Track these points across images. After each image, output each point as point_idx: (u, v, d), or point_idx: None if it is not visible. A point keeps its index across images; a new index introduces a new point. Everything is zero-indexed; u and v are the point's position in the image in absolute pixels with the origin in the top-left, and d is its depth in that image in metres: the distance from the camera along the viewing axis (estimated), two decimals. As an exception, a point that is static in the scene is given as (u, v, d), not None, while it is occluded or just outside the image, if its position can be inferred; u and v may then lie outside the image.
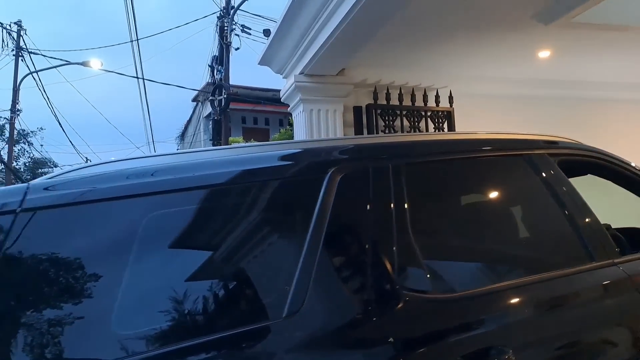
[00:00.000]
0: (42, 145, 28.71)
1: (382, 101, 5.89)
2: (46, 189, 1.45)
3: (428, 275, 1.59)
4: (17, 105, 16.04)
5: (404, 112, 5.97)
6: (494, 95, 6.35)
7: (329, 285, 1.47)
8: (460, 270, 1.76)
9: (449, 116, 6.16)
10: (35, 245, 1.33)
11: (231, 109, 15.24)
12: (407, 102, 6.00)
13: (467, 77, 6.22)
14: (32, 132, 21.07)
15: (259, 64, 6.27)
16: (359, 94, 5.92)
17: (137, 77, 13.14)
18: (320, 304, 1.42)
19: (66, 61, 16.49)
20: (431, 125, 6.07)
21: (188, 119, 21.07)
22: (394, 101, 5.93)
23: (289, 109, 6.13)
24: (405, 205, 1.64)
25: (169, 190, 1.48)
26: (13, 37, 16.03)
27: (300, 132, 5.74)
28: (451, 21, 4.84)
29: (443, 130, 6.10)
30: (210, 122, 14.02)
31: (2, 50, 16.00)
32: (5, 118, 17.16)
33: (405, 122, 5.97)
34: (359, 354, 1.43)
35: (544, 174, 1.99)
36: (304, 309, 1.37)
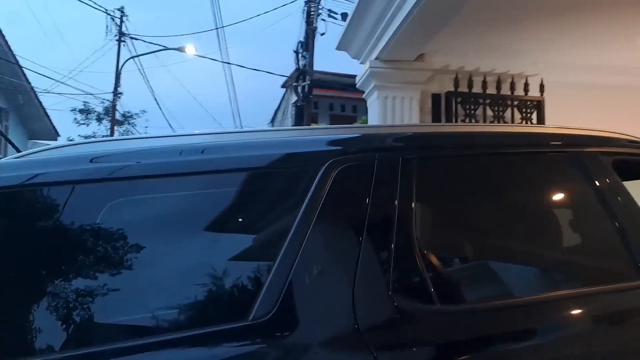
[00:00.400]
0: (146, 127, 30.37)
1: (464, 89, 5.53)
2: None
3: (430, 284, 1.39)
4: (118, 88, 17.04)
5: (487, 101, 5.57)
6: (590, 85, 5.75)
7: (307, 288, 1.31)
8: (469, 280, 1.54)
9: (538, 106, 5.67)
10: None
11: (318, 95, 15.21)
12: (492, 90, 5.59)
13: (561, 64, 5.67)
14: (135, 114, 22.21)
15: (336, 49, 6.12)
16: (438, 81, 5.59)
17: (223, 62, 13.41)
18: (295, 308, 1.28)
19: (164, 46, 17.29)
20: (517, 116, 5.62)
21: (278, 105, 21.36)
22: (477, 89, 5.55)
23: (363, 95, 5.92)
24: (411, 206, 1.44)
25: (121, 178, 1.41)
26: (116, 23, 16.99)
27: (374, 120, 5.52)
28: (546, 0, 4.40)
29: (531, 122, 5.64)
30: (295, 109, 14.07)
31: (106, 36, 17.01)
32: (108, 100, 18.26)
33: (489, 112, 5.56)
34: None
35: (592, 176, 1.68)
36: (275, 313, 1.23)
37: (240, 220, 1.45)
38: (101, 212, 1.35)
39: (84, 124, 20.13)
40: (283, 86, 19.40)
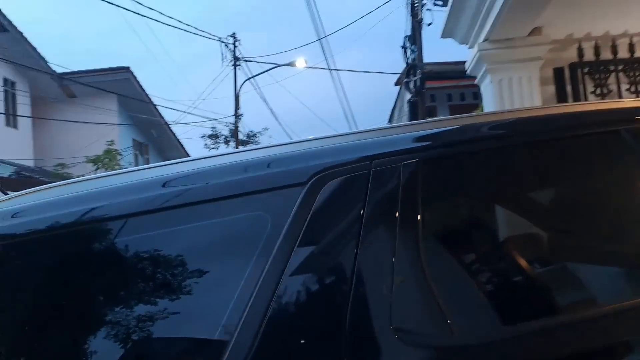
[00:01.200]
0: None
1: (590, 58, 4.92)
2: None
3: (444, 314, 1.14)
4: (238, 110, 17.89)
5: (620, 67, 4.90)
6: None
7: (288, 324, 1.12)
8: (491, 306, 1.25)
9: (686, 64, 4.88)
10: None
11: (433, 88, 14.71)
12: (624, 54, 4.92)
13: None
14: (258, 132, 23.21)
15: (441, 37, 5.80)
16: (559, 54, 5.03)
17: (332, 70, 13.43)
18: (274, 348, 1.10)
19: (275, 64, 17.86)
20: (660, 78, 4.88)
21: (393, 103, 21.07)
22: (606, 55, 4.91)
23: (475, 81, 5.52)
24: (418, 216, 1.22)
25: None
26: (230, 49, 17.87)
27: (489, 106, 5.11)
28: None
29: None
30: (409, 105, 13.72)
31: (222, 62, 17.95)
32: (231, 123, 19.20)
33: (623, 79, 4.89)
34: None
35: None
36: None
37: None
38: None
39: (214, 147, 21.41)
40: (396, 84, 19.10)
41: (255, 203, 1.22)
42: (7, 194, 1.52)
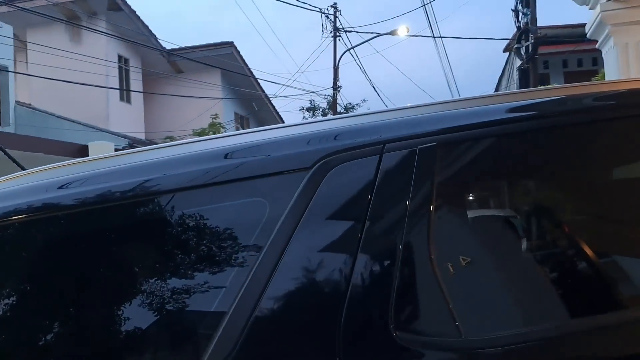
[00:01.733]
0: (368, 115, 31.35)
1: None
2: None
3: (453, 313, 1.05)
4: (337, 82, 17.71)
5: None
6: None
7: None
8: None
9: None
10: None
11: (547, 53, 13.61)
12: None
13: None
14: (356, 104, 22.98)
15: (557, -4, 5.19)
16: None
17: (436, 37, 12.81)
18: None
19: (376, 33, 17.42)
20: None
21: (501, 72, 19.87)
22: None
23: (597, 45, 4.88)
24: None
25: None
26: (330, 20, 17.65)
27: (612, 73, 4.49)
28: None
29: None
30: (518, 73, 12.78)
31: (322, 34, 17.80)
32: (330, 95, 19.08)
33: None
34: None
35: None
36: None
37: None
38: None
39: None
40: (505, 50, 17.94)
41: (254, 189, 1.17)
42: (25, 169, 1.58)
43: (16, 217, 1.24)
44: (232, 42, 17.30)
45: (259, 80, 18.48)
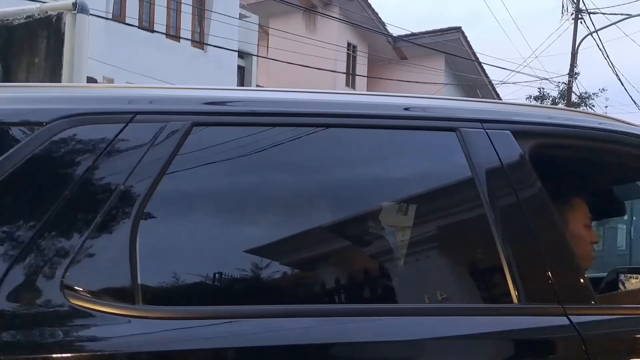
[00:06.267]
0: (605, 107, 28.11)
1: None
2: None
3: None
4: (574, 69, 16.09)
5: None
6: None
7: None
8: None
9: None
10: None
11: None
12: None
13: None
14: (593, 94, 20.77)
15: None
16: None
17: None
18: None
19: (627, 14, 15.44)
20: None
21: None
22: None
23: None
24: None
25: None
26: (573, 1, 16.02)
27: None
28: None
29: None
30: None
31: (562, 16, 16.23)
32: (563, 83, 17.44)
33: None
34: None
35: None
36: None
37: None
38: None
39: (538, 111, 20.01)
40: None
41: None
42: None
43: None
44: (459, 27, 17.06)
45: (484, 66, 17.80)
